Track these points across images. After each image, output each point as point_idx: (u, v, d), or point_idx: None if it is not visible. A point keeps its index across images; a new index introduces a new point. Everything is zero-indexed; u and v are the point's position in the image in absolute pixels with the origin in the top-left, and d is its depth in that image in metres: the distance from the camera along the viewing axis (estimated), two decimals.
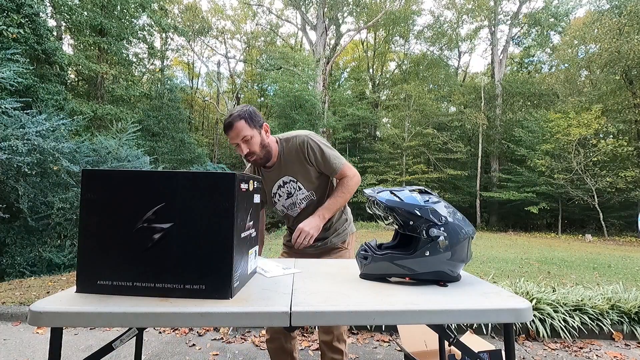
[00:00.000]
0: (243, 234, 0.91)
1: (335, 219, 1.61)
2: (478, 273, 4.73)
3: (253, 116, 1.44)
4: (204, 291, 0.82)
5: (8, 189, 4.88)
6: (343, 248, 1.62)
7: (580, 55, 17.80)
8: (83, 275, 0.84)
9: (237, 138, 1.41)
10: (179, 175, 0.84)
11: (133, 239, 0.83)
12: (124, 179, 0.85)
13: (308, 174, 1.53)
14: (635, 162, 15.47)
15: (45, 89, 9.61)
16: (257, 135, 1.44)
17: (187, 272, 0.82)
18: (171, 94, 15.71)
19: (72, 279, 4.32)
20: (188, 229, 0.83)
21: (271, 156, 1.51)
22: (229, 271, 0.83)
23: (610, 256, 8.03)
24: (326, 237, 1.60)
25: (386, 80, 26.44)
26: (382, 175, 19.55)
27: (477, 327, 2.83)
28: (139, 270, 0.83)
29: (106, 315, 0.73)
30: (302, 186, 1.55)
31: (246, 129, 1.41)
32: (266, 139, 1.48)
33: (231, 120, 1.42)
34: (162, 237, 0.82)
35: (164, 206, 0.83)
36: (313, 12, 20.84)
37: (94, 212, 0.84)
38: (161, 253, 0.82)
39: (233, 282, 0.84)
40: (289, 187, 1.56)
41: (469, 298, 0.88)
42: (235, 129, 1.41)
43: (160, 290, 0.82)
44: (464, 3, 22.91)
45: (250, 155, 1.45)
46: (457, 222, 1.01)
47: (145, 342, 2.57)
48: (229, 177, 0.83)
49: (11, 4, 8.46)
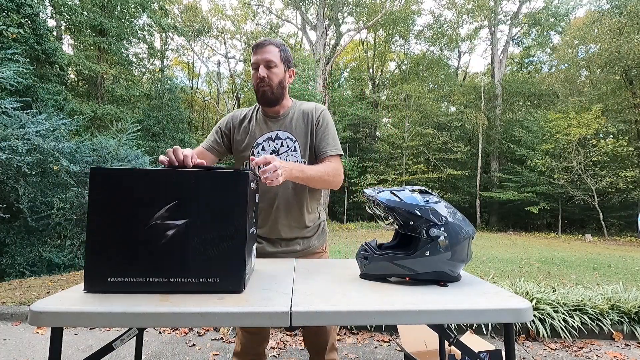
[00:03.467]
0: (251, 230, 0.95)
1: (316, 225, 1.50)
2: (478, 273, 4.73)
3: (287, 53, 1.41)
4: (218, 284, 0.85)
5: (8, 189, 4.88)
6: (323, 251, 1.53)
7: (580, 55, 17.82)
8: (92, 274, 0.84)
9: (262, 60, 1.35)
10: (195, 174, 0.86)
11: (146, 235, 0.84)
12: (136, 177, 0.86)
13: (307, 142, 1.41)
14: (635, 162, 15.47)
15: (45, 89, 9.62)
16: (281, 70, 1.38)
17: (201, 267, 0.85)
18: (171, 94, 15.72)
19: (72, 279, 4.32)
20: (202, 225, 0.85)
21: (281, 100, 1.42)
22: (242, 265, 0.86)
23: (610, 256, 8.03)
24: (309, 242, 1.47)
25: (386, 80, 26.45)
26: (382, 175, 19.58)
27: (477, 327, 2.83)
28: (153, 265, 0.84)
29: (106, 315, 0.73)
30: (298, 149, 1.40)
31: (275, 56, 1.36)
32: (287, 81, 1.42)
33: (266, 41, 1.37)
34: (176, 233, 0.84)
35: (177, 203, 0.85)
36: (313, 12, 20.84)
37: (103, 211, 0.85)
38: (175, 249, 0.84)
39: (245, 275, 0.87)
40: (279, 145, 1.40)
41: (469, 298, 0.88)
42: (265, 50, 1.35)
43: (174, 284, 0.84)
44: (464, 3, 22.92)
45: (264, 83, 1.36)
46: (457, 222, 1.01)
47: (145, 342, 2.57)
48: (243, 176, 0.87)
49: (11, 4, 8.47)
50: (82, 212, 5.38)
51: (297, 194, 1.41)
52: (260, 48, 1.36)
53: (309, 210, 1.45)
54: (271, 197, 1.39)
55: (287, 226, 1.41)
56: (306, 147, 1.41)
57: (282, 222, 1.40)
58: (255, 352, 1.48)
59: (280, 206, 1.39)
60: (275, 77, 1.37)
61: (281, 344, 2.61)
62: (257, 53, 1.37)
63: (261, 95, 1.39)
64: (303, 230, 1.44)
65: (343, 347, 2.61)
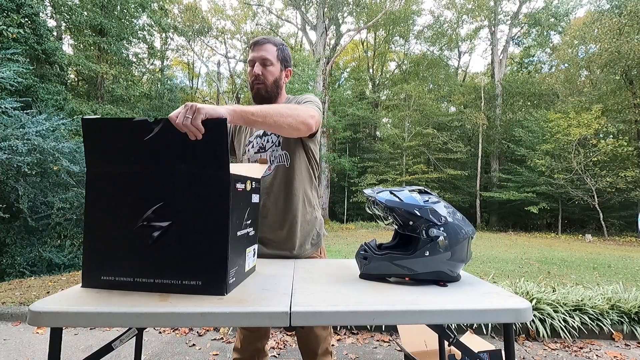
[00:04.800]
0: (240, 232, 0.93)
1: (312, 234, 1.46)
2: (478, 273, 4.73)
3: (286, 52, 1.41)
4: (200, 287, 0.84)
5: (8, 189, 4.88)
6: (318, 256, 1.50)
7: (580, 55, 17.82)
8: (88, 271, 0.87)
9: (258, 57, 1.36)
10: (176, 176, 0.86)
11: (135, 236, 0.85)
12: (126, 177, 0.87)
13: None
14: (635, 162, 15.47)
15: (45, 89, 9.61)
16: (277, 69, 1.39)
17: (185, 269, 0.85)
18: (171, 94, 15.74)
19: (72, 279, 4.32)
20: (185, 227, 0.85)
21: (276, 98, 1.42)
22: (224, 268, 0.85)
23: (610, 256, 8.03)
24: (303, 248, 1.44)
25: (386, 80, 26.44)
26: (382, 175, 19.57)
27: (477, 327, 2.83)
28: (140, 266, 0.85)
29: (106, 315, 0.73)
30: (281, 143, 1.39)
31: (272, 55, 1.37)
32: (282, 80, 1.42)
33: (264, 39, 1.38)
34: (161, 234, 0.85)
35: (162, 205, 0.85)
36: (313, 12, 20.83)
37: (98, 210, 0.87)
38: (160, 250, 0.85)
39: (228, 279, 0.86)
40: (265, 141, 1.41)
41: (469, 298, 0.88)
42: (262, 48, 1.36)
43: (160, 286, 0.85)
44: (464, 3, 22.92)
45: (258, 80, 1.37)
46: (457, 222, 1.01)
47: (145, 342, 2.57)
48: (223, 178, 0.85)
49: (11, 4, 8.46)
50: (82, 212, 5.37)
51: (285, 178, 1.39)
52: (258, 46, 1.37)
53: (304, 204, 1.42)
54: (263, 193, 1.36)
55: (277, 223, 1.39)
56: (289, 139, 1.37)
57: (269, 220, 1.39)
58: (255, 347, 1.48)
59: (271, 187, 1.38)
60: (271, 75, 1.37)
61: (281, 343, 2.61)
62: (254, 50, 1.38)
63: (255, 93, 1.39)
64: (294, 229, 1.40)
65: (343, 347, 2.61)
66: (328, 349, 1.51)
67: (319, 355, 1.48)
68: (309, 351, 1.50)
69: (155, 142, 0.84)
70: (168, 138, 0.83)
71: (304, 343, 1.50)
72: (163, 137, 0.83)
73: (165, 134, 0.83)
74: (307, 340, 1.48)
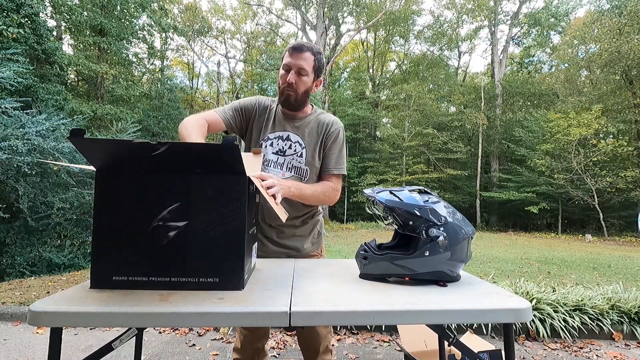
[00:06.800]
0: (250, 231, 0.97)
1: (313, 234, 1.50)
2: (478, 273, 4.73)
3: (321, 63, 1.41)
4: (218, 283, 0.87)
5: (8, 189, 4.88)
6: (318, 255, 1.53)
7: (580, 55, 17.82)
8: (98, 272, 0.87)
9: (295, 65, 1.34)
10: (195, 177, 0.87)
11: (149, 236, 0.86)
12: (139, 178, 0.88)
13: (314, 151, 1.41)
14: (635, 162, 15.47)
15: (45, 89, 9.62)
16: (310, 79, 1.38)
17: (202, 267, 0.87)
18: (171, 94, 15.73)
19: (72, 279, 4.32)
20: (203, 226, 0.87)
21: (303, 106, 1.43)
22: (241, 265, 0.88)
23: (610, 256, 8.03)
24: (302, 247, 1.47)
25: (386, 80, 26.43)
26: (382, 175, 19.57)
27: (477, 327, 2.83)
28: (155, 265, 0.87)
29: (106, 315, 0.73)
30: (304, 155, 1.40)
31: (309, 65, 1.35)
32: (312, 90, 1.42)
33: (304, 46, 1.36)
34: (178, 234, 0.86)
35: (178, 206, 0.87)
36: (313, 12, 20.83)
37: (109, 211, 0.87)
38: (177, 249, 0.86)
39: (245, 275, 0.90)
40: (287, 146, 1.40)
41: (468, 298, 0.88)
42: (301, 56, 1.34)
43: (176, 284, 0.87)
44: (464, 3, 22.92)
45: (290, 88, 1.35)
46: (457, 222, 1.01)
47: (145, 342, 2.57)
48: (242, 180, 0.88)
49: (11, 4, 8.47)
50: (82, 212, 5.37)
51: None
52: (297, 52, 1.34)
53: (306, 205, 1.42)
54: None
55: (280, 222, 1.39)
56: (313, 156, 1.41)
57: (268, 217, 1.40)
58: (255, 347, 1.49)
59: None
60: (303, 85, 1.37)
61: (281, 343, 2.61)
62: (292, 56, 1.35)
63: (285, 99, 1.38)
64: (297, 229, 1.43)
65: (343, 347, 2.61)
66: (328, 347, 1.53)
67: (320, 353, 1.49)
68: (310, 349, 1.51)
69: (164, 157, 0.83)
70: (177, 155, 0.84)
71: (305, 341, 1.51)
72: (170, 153, 0.82)
73: (173, 154, 0.82)
74: (308, 338, 1.50)
